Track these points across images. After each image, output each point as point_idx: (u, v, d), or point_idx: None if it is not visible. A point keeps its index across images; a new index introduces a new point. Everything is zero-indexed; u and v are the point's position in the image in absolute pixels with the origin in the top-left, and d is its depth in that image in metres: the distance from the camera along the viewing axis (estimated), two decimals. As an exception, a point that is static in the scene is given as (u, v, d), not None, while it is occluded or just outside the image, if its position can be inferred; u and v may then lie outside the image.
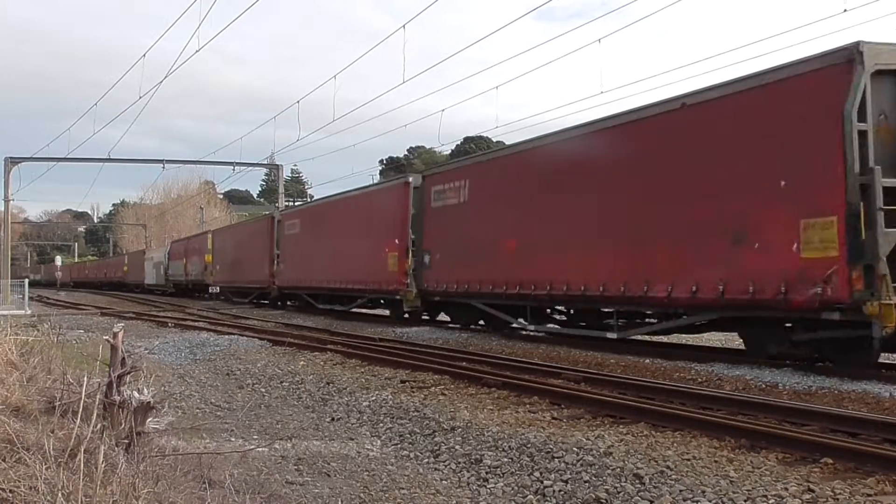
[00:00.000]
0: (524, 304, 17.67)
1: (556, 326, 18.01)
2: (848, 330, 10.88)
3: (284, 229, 33.20)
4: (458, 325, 21.33)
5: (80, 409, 5.36)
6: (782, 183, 11.26)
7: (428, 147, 74.64)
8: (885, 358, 12.29)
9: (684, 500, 5.57)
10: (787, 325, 12.02)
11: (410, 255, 22.17)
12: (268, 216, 37.01)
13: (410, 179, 23.03)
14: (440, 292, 20.91)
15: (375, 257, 23.43)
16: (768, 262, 11.38)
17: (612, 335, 15.19)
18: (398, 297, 22.68)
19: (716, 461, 6.41)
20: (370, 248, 23.90)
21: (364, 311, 27.59)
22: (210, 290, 43.64)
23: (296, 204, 64.72)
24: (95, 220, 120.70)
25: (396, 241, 22.67)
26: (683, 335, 15.92)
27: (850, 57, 10.48)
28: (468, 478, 6.70)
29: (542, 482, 6.31)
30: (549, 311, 18.14)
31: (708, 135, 12.69)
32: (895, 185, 10.33)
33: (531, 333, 18.09)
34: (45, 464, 4.46)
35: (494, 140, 63.56)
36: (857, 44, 10.40)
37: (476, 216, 19.10)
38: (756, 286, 11.56)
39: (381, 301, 25.45)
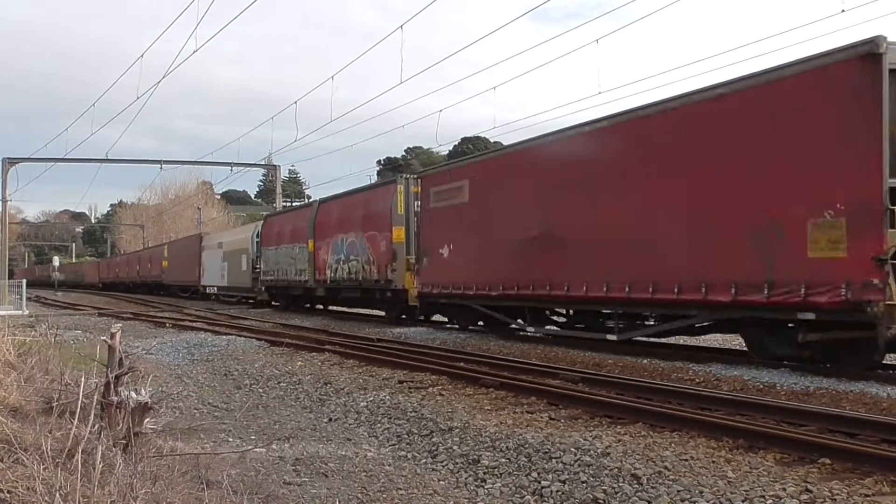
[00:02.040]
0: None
1: (555, 328, 18.03)
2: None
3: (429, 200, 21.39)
4: (455, 326, 21.32)
5: (78, 410, 5.34)
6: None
7: (426, 147, 74.64)
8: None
9: (682, 500, 5.57)
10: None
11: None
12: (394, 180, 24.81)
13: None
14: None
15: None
16: None
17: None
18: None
19: (714, 461, 6.42)
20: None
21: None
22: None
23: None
24: (93, 221, 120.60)
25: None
26: (682, 336, 15.91)
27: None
28: (466, 478, 6.70)
29: (539, 482, 6.31)
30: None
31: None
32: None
33: (529, 334, 18.13)
34: (43, 464, 4.45)
35: (492, 140, 63.71)
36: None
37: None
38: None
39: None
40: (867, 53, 10.23)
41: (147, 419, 5.91)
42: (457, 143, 72.26)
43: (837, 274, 10.52)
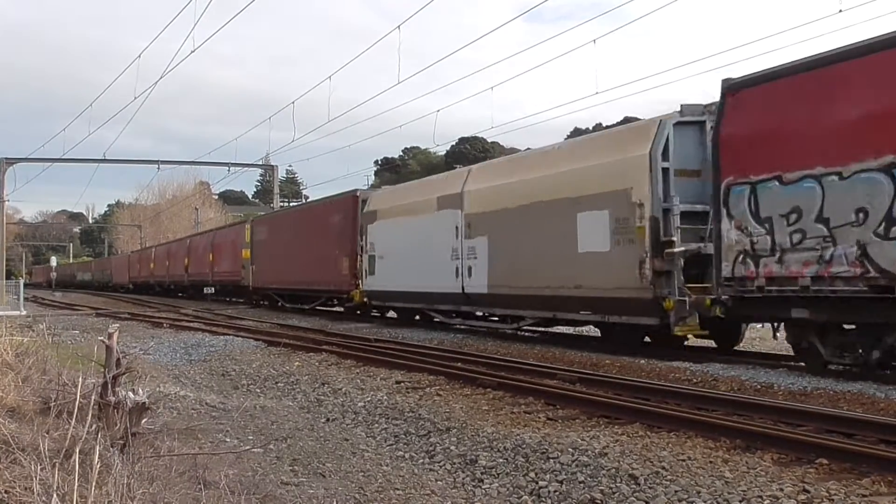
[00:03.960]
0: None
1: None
2: None
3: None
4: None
5: (76, 410, 5.34)
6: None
7: (423, 147, 74.61)
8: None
9: (679, 500, 5.57)
10: None
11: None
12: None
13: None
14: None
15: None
16: None
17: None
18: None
19: (711, 462, 6.42)
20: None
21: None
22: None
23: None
24: (90, 221, 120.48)
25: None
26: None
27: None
28: (463, 478, 6.70)
29: (537, 483, 6.32)
30: None
31: None
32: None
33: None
34: (41, 465, 4.44)
35: (490, 140, 63.70)
36: None
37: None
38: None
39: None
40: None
41: (144, 419, 5.91)
42: (454, 142, 72.26)
43: None
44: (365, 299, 24.57)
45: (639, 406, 8.63)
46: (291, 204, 67.67)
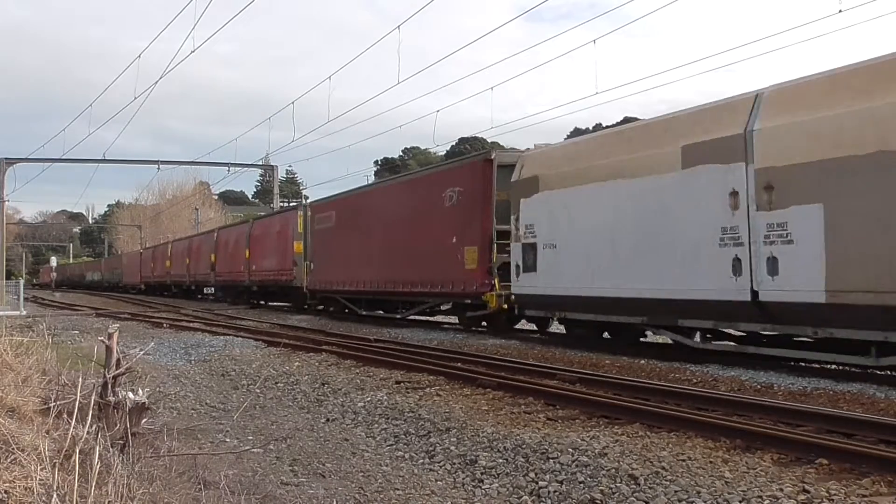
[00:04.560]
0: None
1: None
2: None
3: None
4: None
5: (75, 410, 5.34)
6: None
7: (423, 147, 74.64)
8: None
9: (679, 500, 5.57)
10: None
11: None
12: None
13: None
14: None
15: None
16: None
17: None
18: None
19: (711, 462, 6.42)
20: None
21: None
22: None
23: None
24: (90, 221, 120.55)
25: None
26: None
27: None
28: (463, 478, 6.70)
29: (537, 483, 6.31)
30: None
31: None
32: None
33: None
34: (41, 465, 4.44)
35: (490, 140, 63.71)
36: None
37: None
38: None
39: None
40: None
41: (144, 419, 5.92)
42: (454, 143, 72.30)
43: None
44: (505, 305, 18.02)
45: (639, 406, 8.63)
46: (292, 204, 67.17)
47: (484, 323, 20.07)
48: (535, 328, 19.59)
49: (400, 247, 22.56)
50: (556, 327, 18.77)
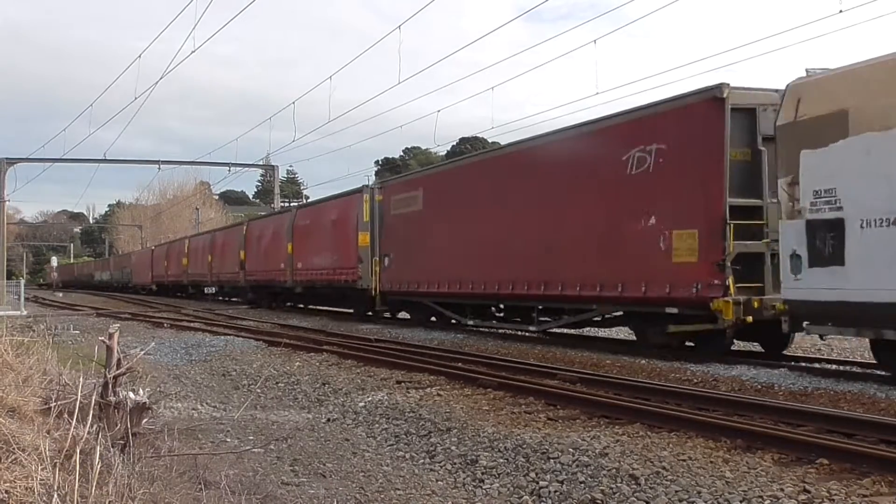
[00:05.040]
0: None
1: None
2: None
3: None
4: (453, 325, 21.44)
5: (76, 410, 5.34)
6: None
7: (424, 148, 74.60)
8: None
9: (680, 500, 5.57)
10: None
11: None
12: None
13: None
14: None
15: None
16: None
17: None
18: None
19: (712, 462, 6.42)
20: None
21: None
22: None
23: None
24: (91, 221, 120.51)
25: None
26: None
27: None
28: (464, 478, 6.70)
29: (537, 483, 6.31)
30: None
31: None
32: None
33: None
34: (41, 465, 4.44)
35: (490, 141, 63.70)
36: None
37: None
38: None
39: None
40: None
41: (145, 419, 5.91)
42: (455, 143, 72.25)
43: None
44: (748, 318, 12.28)
45: (639, 406, 8.62)
46: (291, 205, 66.47)
47: (689, 343, 14.45)
48: (800, 355, 14.03)
49: (535, 234, 16.81)
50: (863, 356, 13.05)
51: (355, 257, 24.32)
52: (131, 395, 5.85)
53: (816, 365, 12.25)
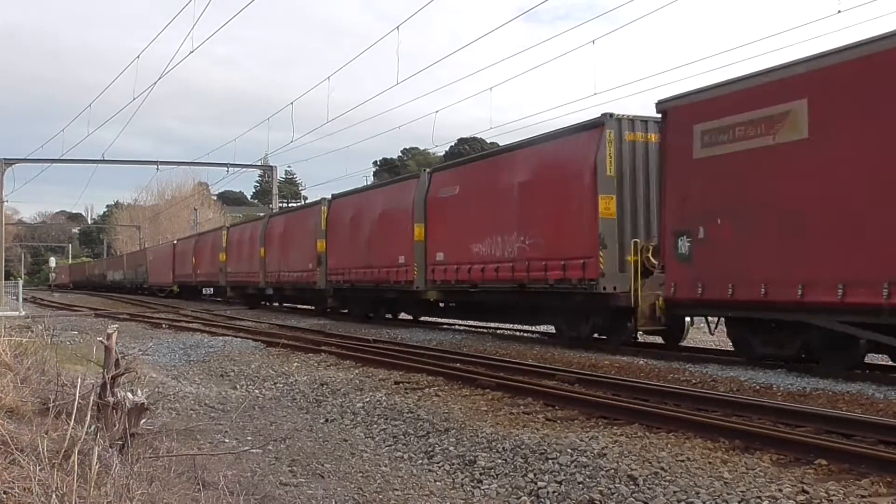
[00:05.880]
0: None
1: None
2: None
3: None
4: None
5: (74, 411, 5.33)
6: None
7: (422, 148, 74.66)
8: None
9: (678, 501, 5.57)
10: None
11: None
12: None
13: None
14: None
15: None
16: None
17: None
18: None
19: (710, 462, 6.42)
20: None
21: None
22: None
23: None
24: (89, 222, 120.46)
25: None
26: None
27: None
28: (462, 479, 6.70)
29: (536, 483, 6.32)
30: None
31: None
32: None
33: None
34: (39, 465, 4.44)
35: (488, 141, 63.73)
36: None
37: None
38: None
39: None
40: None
41: (143, 420, 5.91)
42: (453, 143, 72.28)
43: None
44: None
45: (638, 407, 8.63)
46: (291, 205, 64.72)
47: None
48: None
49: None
50: None
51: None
52: (130, 395, 5.84)
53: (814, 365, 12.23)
